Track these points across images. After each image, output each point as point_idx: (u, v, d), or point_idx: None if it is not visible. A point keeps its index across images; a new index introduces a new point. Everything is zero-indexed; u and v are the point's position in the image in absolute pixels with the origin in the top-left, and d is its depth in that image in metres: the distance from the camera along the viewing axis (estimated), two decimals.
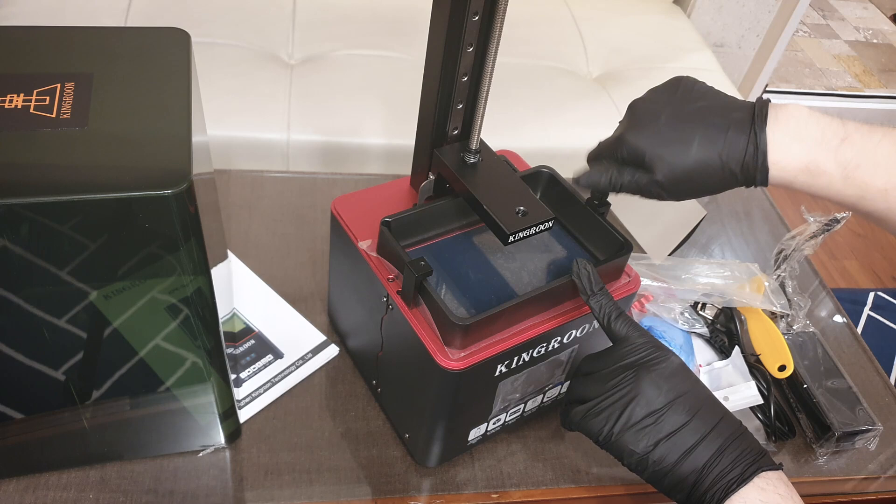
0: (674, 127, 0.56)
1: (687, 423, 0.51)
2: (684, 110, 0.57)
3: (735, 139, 0.55)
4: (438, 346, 0.58)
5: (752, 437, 0.53)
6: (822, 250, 2.20)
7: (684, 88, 0.59)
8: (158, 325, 0.56)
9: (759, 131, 0.54)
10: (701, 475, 0.50)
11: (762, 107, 0.56)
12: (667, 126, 0.57)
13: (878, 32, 3.41)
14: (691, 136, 0.56)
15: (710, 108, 0.57)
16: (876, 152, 0.53)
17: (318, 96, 1.44)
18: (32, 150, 0.48)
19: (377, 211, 0.65)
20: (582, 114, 1.56)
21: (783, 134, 0.54)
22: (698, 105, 0.57)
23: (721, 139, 0.55)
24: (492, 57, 0.59)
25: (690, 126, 0.56)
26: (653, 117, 0.57)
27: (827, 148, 0.54)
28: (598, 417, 0.53)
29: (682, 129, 0.56)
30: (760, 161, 0.55)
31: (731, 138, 0.55)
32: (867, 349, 0.93)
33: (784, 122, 0.55)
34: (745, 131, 0.55)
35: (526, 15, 1.77)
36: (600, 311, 0.56)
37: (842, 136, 0.54)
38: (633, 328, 0.55)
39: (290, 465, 0.70)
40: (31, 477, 0.65)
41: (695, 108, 0.57)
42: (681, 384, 0.53)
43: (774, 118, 0.55)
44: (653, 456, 0.51)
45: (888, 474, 0.80)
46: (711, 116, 0.56)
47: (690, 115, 0.57)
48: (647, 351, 0.54)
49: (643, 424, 0.52)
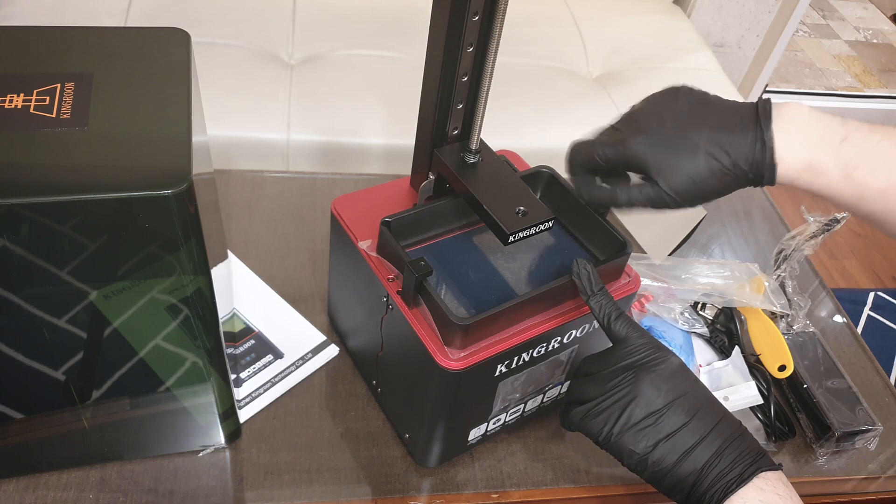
0: (679, 132, 0.56)
1: (686, 423, 0.51)
2: (687, 115, 0.57)
3: (742, 138, 0.55)
4: (438, 346, 0.58)
5: (751, 437, 0.53)
6: (822, 250, 2.20)
7: (684, 94, 0.58)
8: (158, 325, 0.56)
9: (765, 129, 0.54)
10: (700, 475, 0.50)
11: (765, 105, 0.56)
12: (672, 131, 0.56)
13: (878, 32, 3.41)
14: (698, 139, 0.55)
15: (712, 111, 0.57)
16: (875, 153, 0.54)
17: (318, 96, 1.44)
18: (32, 150, 0.48)
19: (377, 211, 0.65)
20: (582, 114, 1.56)
21: (786, 132, 0.55)
22: (700, 109, 0.57)
23: (728, 139, 0.55)
24: (492, 57, 0.59)
25: (696, 129, 0.56)
26: (657, 123, 0.57)
27: (827, 147, 0.54)
28: (598, 418, 0.53)
29: (688, 134, 0.56)
30: (769, 158, 0.54)
31: (739, 137, 0.55)
32: (867, 349, 0.93)
33: (786, 121, 0.55)
34: (751, 130, 0.55)
35: (526, 15, 1.77)
36: (600, 312, 0.56)
37: (842, 136, 0.54)
38: (632, 329, 0.55)
39: (290, 465, 0.70)
40: (31, 477, 0.65)
41: (697, 112, 0.57)
42: (680, 385, 0.53)
43: (777, 116, 0.55)
44: (652, 456, 0.51)
45: (888, 474, 0.80)
46: (715, 118, 0.56)
47: (694, 119, 0.56)
48: (646, 352, 0.54)
49: (643, 425, 0.52)
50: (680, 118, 0.57)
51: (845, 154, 0.54)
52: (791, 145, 0.54)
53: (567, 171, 0.63)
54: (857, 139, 0.54)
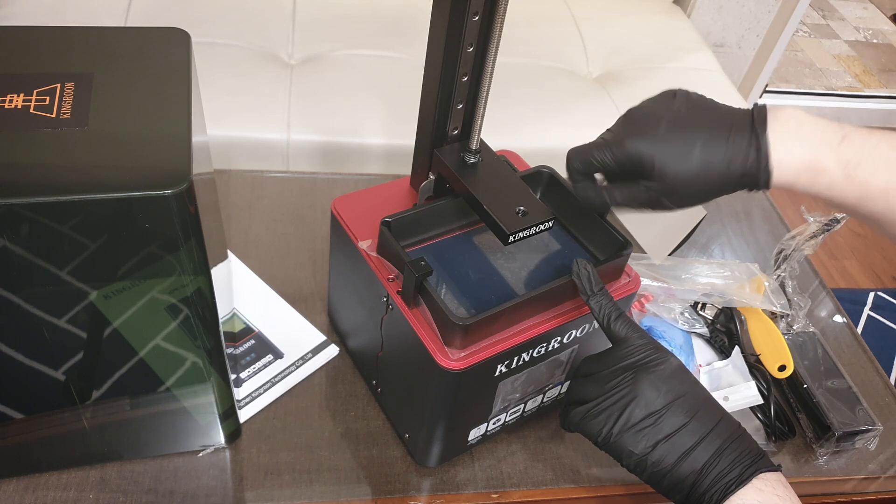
0: (676, 132, 0.56)
1: (685, 424, 0.51)
2: (684, 116, 0.57)
3: (737, 142, 0.55)
4: (438, 346, 0.58)
5: (750, 438, 0.53)
6: (822, 250, 2.20)
7: (681, 97, 0.58)
8: (158, 325, 0.56)
9: (760, 134, 0.54)
10: (699, 476, 0.50)
11: (761, 110, 0.56)
12: (668, 131, 0.56)
13: (878, 32, 3.41)
14: (694, 140, 0.55)
15: (709, 114, 0.57)
16: (875, 152, 0.54)
17: (318, 96, 1.44)
18: (32, 150, 0.48)
19: (377, 211, 0.65)
20: (582, 114, 1.56)
21: (784, 134, 0.54)
22: (697, 111, 0.57)
23: (723, 143, 0.55)
24: (492, 57, 0.59)
25: (692, 131, 0.56)
26: (654, 123, 0.57)
27: (828, 146, 0.54)
28: (598, 419, 0.53)
29: (684, 134, 0.56)
30: (763, 163, 0.54)
31: (734, 141, 0.55)
32: (867, 349, 0.93)
33: (784, 123, 0.55)
34: (746, 134, 0.55)
35: (526, 15, 1.77)
36: (600, 312, 0.56)
37: (841, 136, 0.54)
38: (632, 329, 0.55)
39: (290, 465, 0.70)
40: (31, 477, 0.65)
41: (694, 114, 0.57)
42: (679, 385, 0.53)
43: (774, 119, 0.55)
44: (651, 457, 0.51)
45: (888, 474, 0.80)
46: (712, 121, 0.56)
47: (691, 121, 0.56)
48: (646, 352, 0.54)
49: (642, 426, 0.52)
50: (676, 121, 0.57)
51: (845, 153, 0.54)
52: (790, 146, 0.54)
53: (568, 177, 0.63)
54: (856, 139, 0.54)
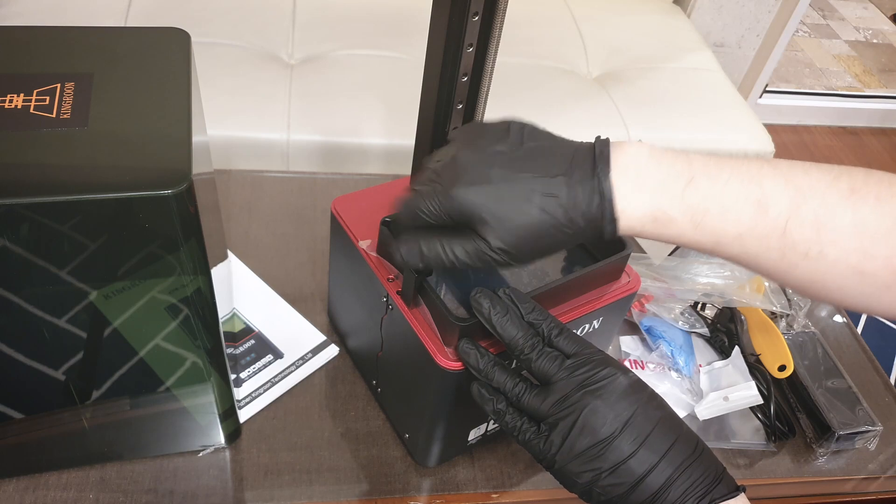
0: (509, 180, 0.49)
1: (634, 453, 0.48)
2: (519, 158, 0.50)
3: (579, 189, 0.48)
4: (438, 346, 0.58)
5: (710, 458, 0.49)
6: None
7: (515, 133, 0.52)
8: (158, 325, 0.56)
9: (602, 178, 0.48)
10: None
11: (602, 149, 0.49)
12: (501, 179, 0.49)
13: (878, 32, 3.42)
14: (530, 189, 0.49)
15: (548, 154, 0.50)
16: (723, 194, 0.48)
17: (318, 96, 1.44)
18: (32, 150, 0.48)
19: (377, 211, 0.65)
20: (582, 114, 1.56)
21: (625, 179, 0.48)
22: (534, 152, 0.50)
23: (564, 190, 0.48)
24: (492, 57, 0.59)
25: (527, 177, 0.49)
26: (485, 168, 0.50)
27: (671, 194, 0.48)
28: (542, 443, 0.50)
29: (519, 182, 0.49)
30: (608, 211, 0.48)
31: (575, 188, 0.48)
32: (867, 349, 0.93)
33: (624, 168, 0.49)
34: (588, 178, 0.49)
35: (526, 15, 1.77)
36: (543, 330, 0.52)
37: (687, 178, 0.48)
38: (580, 344, 0.52)
39: (290, 465, 0.70)
40: (31, 477, 0.65)
41: (530, 155, 0.50)
42: (629, 408, 0.49)
43: (615, 160, 0.49)
44: (596, 488, 0.48)
45: (888, 474, 0.80)
46: (551, 164, 0.50)
47: (527, 165, 0.50)
48: (594, 371, 0.50)
49: (587, 456, 0.48)
50: (511, 163, 0.49)
51: (691, 199, 0.48)
52: (632, 194, 0.48)
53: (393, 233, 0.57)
54: (703, 182, 0.48)
